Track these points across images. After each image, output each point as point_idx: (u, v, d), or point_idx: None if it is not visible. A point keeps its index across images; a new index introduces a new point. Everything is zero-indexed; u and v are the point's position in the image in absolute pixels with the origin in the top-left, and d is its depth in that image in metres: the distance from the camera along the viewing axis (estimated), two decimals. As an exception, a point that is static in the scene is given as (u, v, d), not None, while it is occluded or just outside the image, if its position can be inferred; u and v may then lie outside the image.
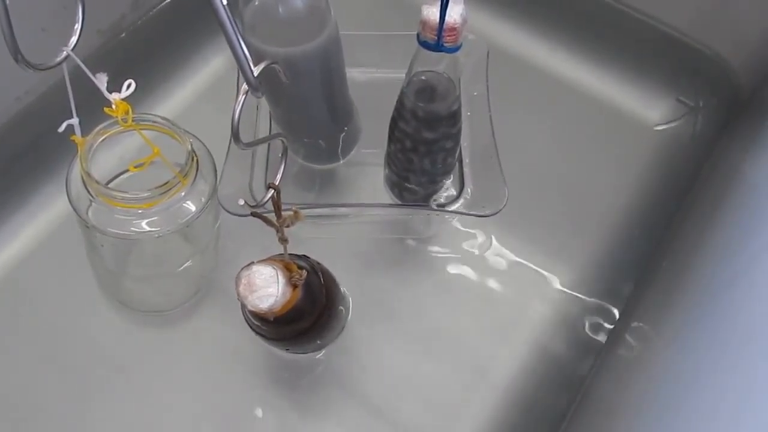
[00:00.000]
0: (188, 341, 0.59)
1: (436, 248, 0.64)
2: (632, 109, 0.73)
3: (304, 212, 0.41)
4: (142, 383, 0.57)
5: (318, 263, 0.47)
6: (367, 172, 0.65)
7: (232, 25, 0.33)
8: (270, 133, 0.62)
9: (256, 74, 0.35)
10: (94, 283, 0.60)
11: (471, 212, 0.56)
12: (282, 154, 0.41)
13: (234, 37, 0.33)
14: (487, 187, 0.57)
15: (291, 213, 0.40)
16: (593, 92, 0.74)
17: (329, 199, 0.64)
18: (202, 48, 0.74)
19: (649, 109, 0.73)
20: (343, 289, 0.53)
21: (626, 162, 0.70)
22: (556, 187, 0.68)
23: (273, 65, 0.37)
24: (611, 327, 0.60)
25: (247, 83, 0.35)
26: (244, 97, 0.35)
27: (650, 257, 0.64)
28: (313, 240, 0.63)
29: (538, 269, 0.63)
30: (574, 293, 0.62)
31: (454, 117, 0.50)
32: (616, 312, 0.61)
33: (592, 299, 0.62)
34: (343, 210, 0.63)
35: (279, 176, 0.41)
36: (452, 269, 0.63)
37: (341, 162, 0.65)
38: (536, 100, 0.73)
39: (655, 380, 0.47)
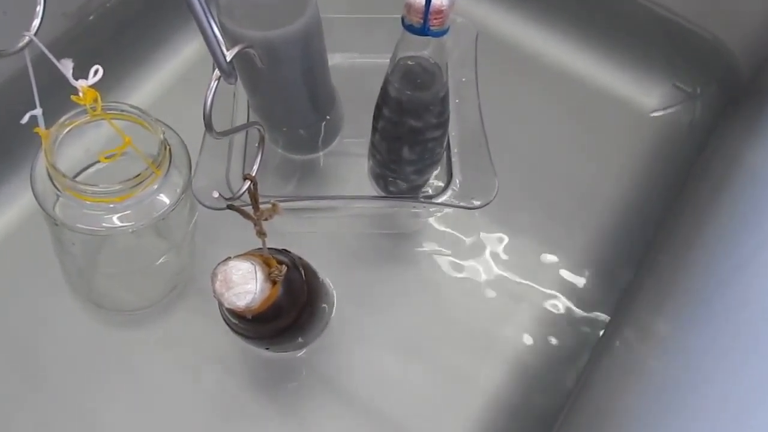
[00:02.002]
0: (164, 341, 0.58)
1: (423, 243, 0.64)
2: (627, 95, 0.73)
3: (284, 205, 0.40)
4: (116, 386, 0.56)
5: (299, 258, 0.47)
6: (350, 162, 0.65)
7: (201, 5, 0.32)
8: (248, 121, 0.61)
9: (229, 59, 0.34)
10: (63, 282, 0.59)
11: (460, 204, 0.56)
12: (259, 144, 0.41)
13: (203, 18, 0.33)
14: (477, 178, 0.57)
15: (269, 206, 0.40)
16: (586, 77, 0.74)
17: (310, 192, 0.64)
18: (176, 32, 0.73)
19: (644, 96, 0.73)
20: (326, 281, 0.53)
21: (621, 151, 0.70)
22: (548, 178, 0.67)
23: (248, 49, 0.37)
24: (605, 325, 0.60)
25: (219, 69, 0.35)
26: (216, 83, 0.34)
27: (646, 251, 0.64)
28: (294, 235, 0.62)
29: (530, 264, 0.63)
30: (566, 288, 0.62)
31: (442, 105, 0.50)
32: (610, 309, 0.61)
33: (586, 294, 0.62)
34: (324, 203, 0.62)
35: (255, 167, 0.40)
36: (440, 264, 0.62)
37: (323, 152, 0.65)
38: (527, 87, 0.73)
39: (650, 382, 0.47)
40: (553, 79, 0.73)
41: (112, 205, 0.47)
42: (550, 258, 0.63)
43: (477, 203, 0.55)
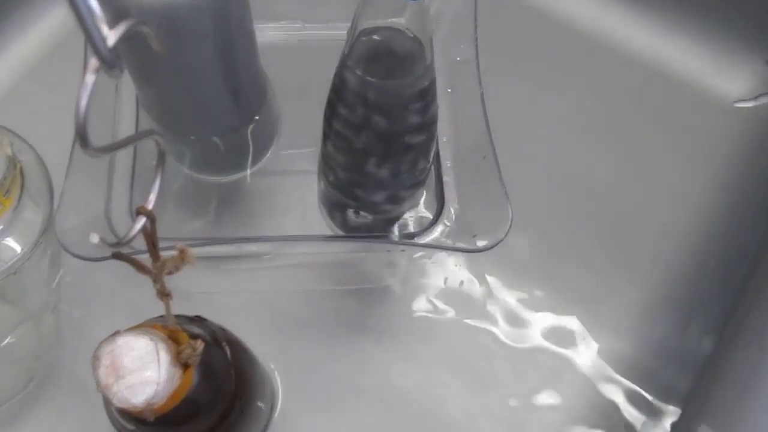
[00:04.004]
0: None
1: (402, 304, 0.65)
2: (703, 78, 0.74)
3: (196, 251, 0.40)
4: None
5: (222, 329, 0.47)
6: (290, 186, 0.66)
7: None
8: (138, 130, 0.61)
9: (111, 43, 0.34)
10: None
11: (456, 246, 0.56)
12: (157, 162, 0.41)
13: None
14: (481, 206, 0.57)
15: (175, 253, 0.40)
16: (644, 55, 0.74)
17: (234, 230, 0.65)
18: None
19: (726, 79, 0.74)
20: (263, 367, 0.53)
21: (695, 158, 0.71)
22: (587, 202, 0.69)
23: (139, 28, 0.37)
24: (673, 424, 0.61)
25: (97, 57, 0.35)
26: (93, 78, 0.34)
27: (732, 310, 0.65)
28: (214, 295, 0.63)
29: (561, 332, 0.64)
30: (618, 367, 0.63)
31: (425, 97, 0.51)
32: (679, 398, 0.62)
33: (645, 376, 0.63)
34: (255, 247, 0.62)
35: (153, 196, 0.40)
36: (428, 336, 0.63)
37: (250, 171, 0.65)
38: (556, 68, 0.74)
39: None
40: (595, 57, 0.74)
41: (-66, 256, 0.47)
42: (590, 323, 0.64)
43: (482, 244, 0.55)
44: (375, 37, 0.48)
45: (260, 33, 0.57)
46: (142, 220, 0.38)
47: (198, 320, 0.46)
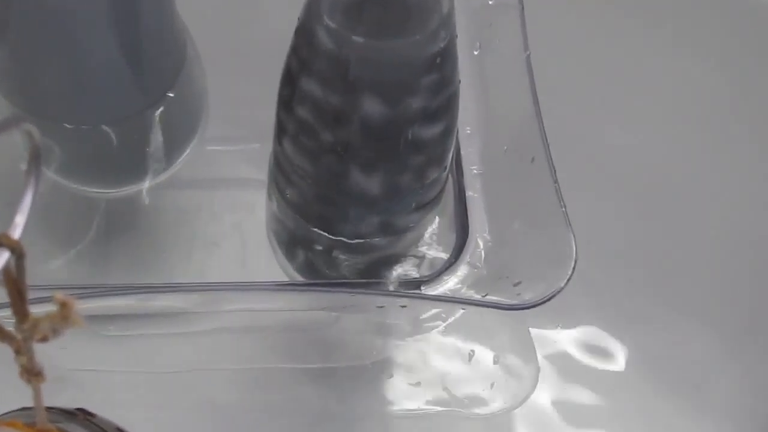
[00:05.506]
0: None
1: (398, 393, 0.64)
2: None
3: (87, 307, 0.40)
4: None
5: (118, 429, 0.46)
6: (222, 203, 0.65)
7: None
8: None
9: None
10: None
11: (487, 300, 0.55)
12: (29, 167, 0.41)
13: None
14: (525, 236, 0.57)
15: (54, 306, 0.39)
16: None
17: (130, 275, 0.64)
18: None
19: None
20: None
21: None
22: (687, 234, 0.68)
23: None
24: None
25: None
26: None
27: None
28: (103, 376, 0.62)
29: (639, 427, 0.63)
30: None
31: (441, 66, 0.50)
32: None
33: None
34: (167, 302, 0.62)
35: (21, 219, 0.40)
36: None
37: (157, 180, 0.64)
38: (646, 18, 0.74)
39: None
40: (701, 13, 0.74)
41: None
42: (688, 411, 0.64)
43: (528, 296, 0.54)
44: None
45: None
46: (4, 256, 0.37)
47: (82, 415, 0.44)
